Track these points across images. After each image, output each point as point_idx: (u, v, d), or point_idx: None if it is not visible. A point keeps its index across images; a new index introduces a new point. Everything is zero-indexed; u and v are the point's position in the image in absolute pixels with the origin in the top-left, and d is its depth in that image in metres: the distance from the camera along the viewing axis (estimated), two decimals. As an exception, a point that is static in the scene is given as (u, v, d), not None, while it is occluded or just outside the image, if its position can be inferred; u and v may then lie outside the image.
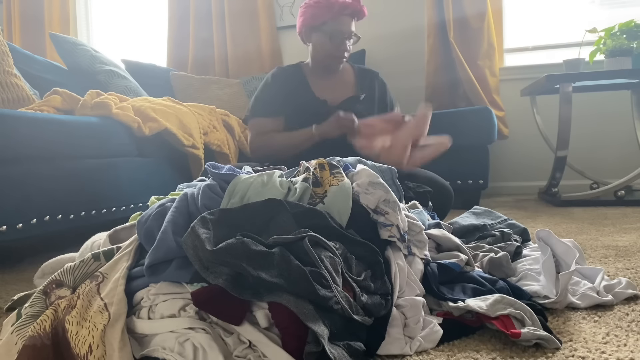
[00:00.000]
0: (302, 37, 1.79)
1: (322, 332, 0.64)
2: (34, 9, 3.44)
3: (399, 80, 2.88)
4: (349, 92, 1.82)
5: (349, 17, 1.70)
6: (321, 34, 1.72)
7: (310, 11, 1.70)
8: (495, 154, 2.85)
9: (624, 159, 2.73)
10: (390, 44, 3.01)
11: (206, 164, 0.97)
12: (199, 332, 0.68)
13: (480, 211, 1.42)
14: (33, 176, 1.33)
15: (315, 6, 1.69)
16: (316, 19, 1.69)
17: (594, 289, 0.90)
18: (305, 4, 1.73)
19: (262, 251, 0.71)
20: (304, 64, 1.86)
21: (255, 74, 3.03)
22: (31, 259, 1.54)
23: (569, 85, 2.22)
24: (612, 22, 2.32)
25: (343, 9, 1.67)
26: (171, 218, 0.81)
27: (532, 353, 0.69)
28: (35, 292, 0.77)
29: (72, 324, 0.69)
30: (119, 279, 0.76)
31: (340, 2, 1.67)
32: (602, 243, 1.41)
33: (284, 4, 3.17)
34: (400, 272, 0.83)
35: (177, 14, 3.28)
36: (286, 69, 1.83)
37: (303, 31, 1.76)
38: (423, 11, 2.90)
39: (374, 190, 0.90)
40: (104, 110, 1.64)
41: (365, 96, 1.81)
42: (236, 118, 2.39)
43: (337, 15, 1.68)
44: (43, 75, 2.22)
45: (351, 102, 1.77)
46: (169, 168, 1.93)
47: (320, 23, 1.70)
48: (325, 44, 1.72)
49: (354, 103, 1.77)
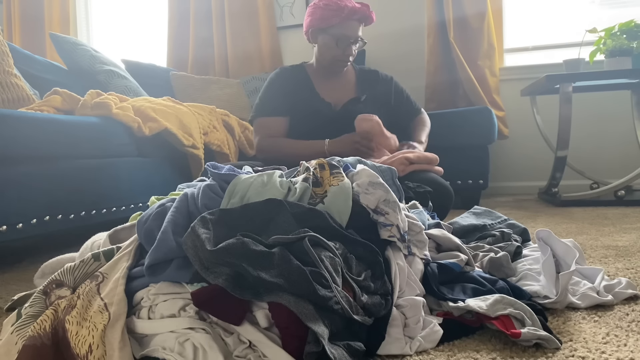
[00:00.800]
0: (308, 37, 1.79)
1: (322, 332, 0.64)
2: (34, 9, 3.44)
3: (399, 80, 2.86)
4: (351, 93, 1.83)
5: (357, 22, 1.71)
6: (328, 36, 1.71)
7: (319, 13, 1.69)
8: (495, 154, 2.85)
9: (624, 159, 2.73)
10: (390, 44, 3.01)
11: (206, 164, 0.97)
12: (199, 332, 0.68)
13: (480, 211, 1.42)
14: (33, 176, 1.33)
15: (324, 8, 1.68)
16: (324, 21, 1.69)
17: (594, 289, 0.90)
18: (314, 4, 1.72)
19: (262, 251, 0.71)
20: (308, 64, 1.87)
21: (255, 74, 3.03)
22: (31, 259, 1.54)
23: (569, 85, 2.22)
24: (612, 22, 2.32)
25: (352, 14, 1.67)
26: (171, 218, 0.81)
27: (532, 353, 0.69)
28: (35, 292, 0.77)
29: (72, 324, 0.69)
30: (119, 279, 0.76)
31: (350, 7, 1.67)
32: (602, 243, 1.41)
33: (284, 4, 3.17)
34: (400, 272, 0.83)
35: (177, 14, 3.28)
36: (290, 69, 1.83)
37: (310, 32, 1.75)
38: (423, 11, 2.90)
39: (374, 190, 0.90)
40: (104, 110, 1.64)
41: (367, 97, 1.82)
42: (236, 118, 2.39)
43: (346, 19, 1.67)
44: (43, 75, 2.22)
45: (352, 103, 1.78)
46: (169, 168, 1.93)
47: (328, 26, 1.69)
48: (331, 47, 1.72)
49: (355, 104, 1.78)
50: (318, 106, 1.75)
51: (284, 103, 1.76)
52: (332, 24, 1.68)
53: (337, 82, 1.84)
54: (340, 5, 1.66)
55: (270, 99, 1.78)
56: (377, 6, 2.98)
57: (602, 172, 2.75)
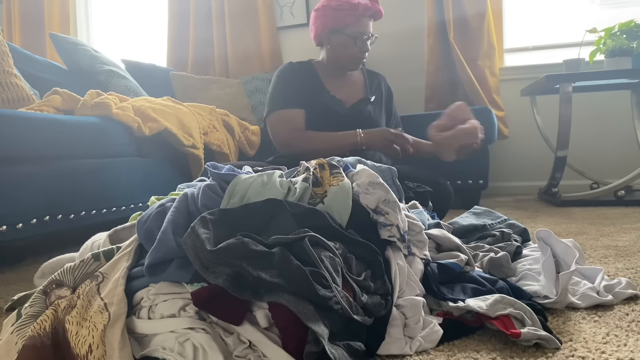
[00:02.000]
0: (319, 39, 1.78)
1: (322, 332, 0.64)
2: (34, 9, 3.44)
3: (399, 80, 2.88)
4: (360, 93, 1.85)
5: (370, 18, 1.73)
6: (344, 36, 1.72)
7: (332, 14, 1.70)
8: (495, 154, 2.85)
9: (624, 159, 2.73)
10: (390, 44, 3.01)
11: (206, 164, 0.97)
12: (199, 332, 0.68)
13: (480, 211, 1.42)
14: (33, 176, 1.33)
15: (337, 9, 1.69)
16: (339, 21, 1.70)
17: (594, 289, 0.90)
18: (324, 6, 1.72)
19: (262, 251, 0.71)
20: (316, 62, 1.87)
21: (255, 73, 3.03)
22: (31, 259, 1.54)
23: (569, 85, 2.22)
24: (612, 22, 2.32)
25: (365, 11, 1.70)
26: (171, 218, 0.81)
27: (532, 353, 0.69)
28: (35, 292, 0.77)
29: (72, 323, 0.69)
30: (119, 279, 0.76)
31: (363, 5, 1.69)
32: (602, 243, 1.41)
33: (284, 4, 3.17)
34: (400, 272, 0.83)
35: (177, 14, 3.28)
36: (298, 65, 1.83)
37: (323, 34, 1.75)
38: (423, 11, 2.90)
39: (374, 190, 0.90)
40: (104, 110, 1.64)
41: (376, 97, 1.84)
42: (236, 118, 2.39)
43: (360, 17, 1.70)
44: (43, 75, 2.22)
45: (363, 104, 1.80)
46: (169, 168, 1.93)
47: (343, 25, 1.71)
48: (348, 46, 1.72)
49: (365, 104, 1.80)
50: (329, 102, 1.75)
51: (298, 96, 1.73)
52: (348, 24, 1.70)
53: (346, 80, 1.85)
54: (352, 3, 1.68)
55: (285, 91, 1.74)
56: (377, 6, 2.98)
57: (602, 172, 2.75)
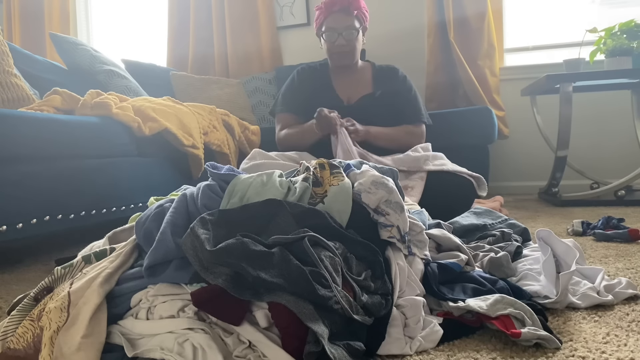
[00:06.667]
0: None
1: (322, 332, 0.64)
2: (33, 9, 3.44)
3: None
4: (366, 89, 1.89)
5: (339, 13, 1.78)
6: (323, 35, 1.84)
7: (315, 17, 1.86)
8: (495, 154, 2.85)
9: (624, 159, 2.72)
10: (390, 44, 3.01)
11: (206, 164, 0.97)
12: (198, 332, 0.68)
13: (480, 211, 1.42)
14: (33, 176, 1.33)
15: (316, 11, 1.84)
16: (317, 22, 1.85)
17: (594, 289, 0.90)
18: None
19: (261, 251, 0.71)
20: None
21: (255, 73, 3.03)
22: (31, 259, 1.54)
23: (569, 85, 2.21)
24: (612, 22, 2.32)
25: (331, 7, 1.77)
26: (170, 219, 0.81)
27: (532, 353, 0.69)
28: (26, 299, 0.76)
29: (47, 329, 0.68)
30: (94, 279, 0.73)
31: (327, 1, 1.77)
32: (602, 243, 1.40)
33: (284, 4, 3.17)
34: (400, 272, 0.83)
35: (177, 14, 3.28)
36: (312, 66, 1.97)
37: (318, 36, 1.89)
38: (423, 11, 2.90)
39: (376, 189, 0.89)
40: (104, 110, 1.64)
41: (382, 92, 1.87)
42: (236, 118, 2.39)
43: (328, 14, 1.79)
44: (43, 75, 2.22)
45: (367, 99, 1.86)
46: (169, 168, 1.93)
47: (319, 26, 1.84)
48: (326, 44, 1.84)
49: (368, 100, 1.85)
50: (330, 101, 1.84)
51: (302, 100, 1.88)
52: (322, 23, 1.82)
53: (353, 78, 1.91)
54: (323, 2, 1.79)
55: (290, 95, 1.92)
56: (378, 6, 2.97)
57: (602, 172, 2.75)
